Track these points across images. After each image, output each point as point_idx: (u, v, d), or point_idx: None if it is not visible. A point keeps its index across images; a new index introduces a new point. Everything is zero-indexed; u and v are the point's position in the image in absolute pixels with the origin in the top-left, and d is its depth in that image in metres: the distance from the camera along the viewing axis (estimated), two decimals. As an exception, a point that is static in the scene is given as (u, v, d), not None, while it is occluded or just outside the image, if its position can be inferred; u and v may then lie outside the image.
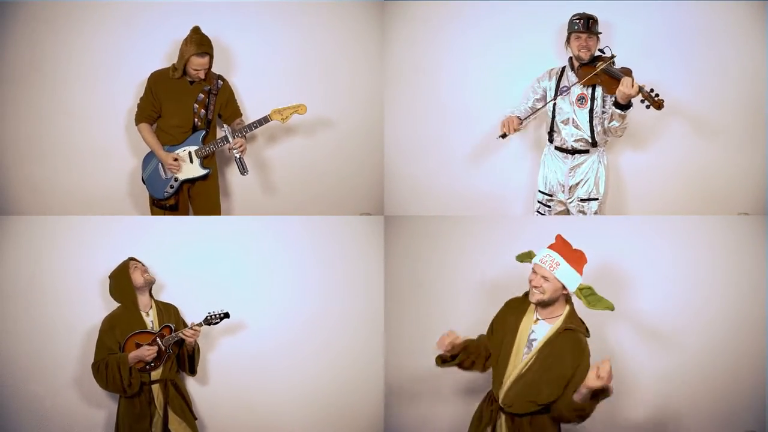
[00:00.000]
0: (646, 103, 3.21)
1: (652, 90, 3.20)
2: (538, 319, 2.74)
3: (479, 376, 3.45)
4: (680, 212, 3.67)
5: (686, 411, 3.36)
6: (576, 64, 3.42)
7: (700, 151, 3.70)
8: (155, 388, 3.17)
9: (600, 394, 2.47)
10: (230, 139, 3.42)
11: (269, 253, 3.59)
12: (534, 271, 2.71)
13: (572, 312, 2.74)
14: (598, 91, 3.38)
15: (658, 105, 3.20)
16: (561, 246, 2.72)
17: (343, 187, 3.90)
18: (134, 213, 3.80)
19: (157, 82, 3.49)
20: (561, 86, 3.46)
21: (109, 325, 3.17)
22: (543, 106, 3.48)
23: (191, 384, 3.49)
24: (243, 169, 3.42)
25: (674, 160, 3.72)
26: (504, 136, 3.43)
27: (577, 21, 3.36)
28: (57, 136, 3.76)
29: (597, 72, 3.29)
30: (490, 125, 3.80)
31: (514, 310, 2.83)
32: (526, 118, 3.48)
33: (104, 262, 3.45)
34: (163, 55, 3.65)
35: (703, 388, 3.34)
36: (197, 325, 3.14)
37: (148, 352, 3.09)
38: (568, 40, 3.42)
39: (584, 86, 3.39)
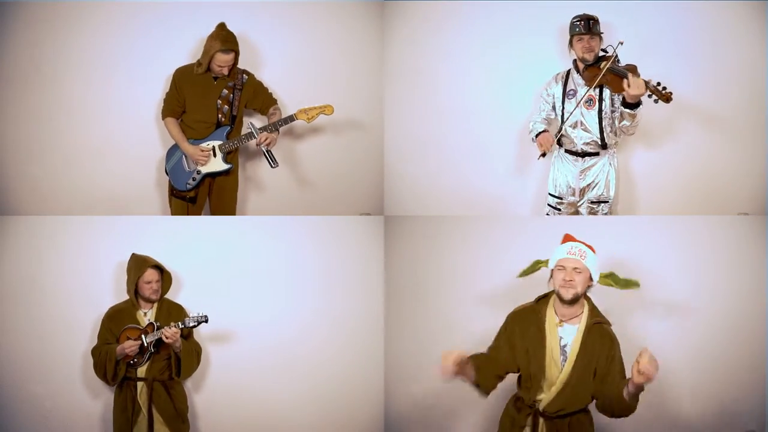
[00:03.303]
0: (654, 97, 3.18)
1: (659, 83, 3.17)
2: (561, 322, 2.68)
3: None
4: (680, 212, 3.67)
5: (686, 411, 3.36)
6: (581, 66, 3.41)
7: (700, 151, 3.70)
8: (140, 385, 3.17)
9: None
10: (255, 135, 3.43)
11: (269, 253, 3.59)
12: (561, 267, 2.65)
13: (594, 307, 2.71)
14: (606, 91, 3.37)
15: (666, 98, 3.17)
16: (575, 239, 2.71)
17: (343, 187, 3.90)
18: (135, 213, 3.80)
19: (182, 77, 3.50)
20: (567, 89, 3.45)
21: (108, 315, 3.24)
22: (570, 115, 3.41)
23: (187, 383, 3.48)
24: (272, 162, 3.44)
25: (674, 160, 3.72)
26: (544, 154, 3.39)
27: (578, 23, 3.35)
28: (57, 136, 3.76)
29: (603, 73, 3.27)
30: (491, 125, 3.81)
31: (528, 320, 2.73)
32: (558, 134, 3.44)
33: (105, 262, 3.46)
34: (162, 55, 3.65)
35: (703, 387, 3.34)
36: (174, 326, 3.08)
37: (128, 346, 3.11)
38: (570, 43, 3.42)
39: (592, 88, 3.38)
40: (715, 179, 3.71)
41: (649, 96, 3.18)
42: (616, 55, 3.28)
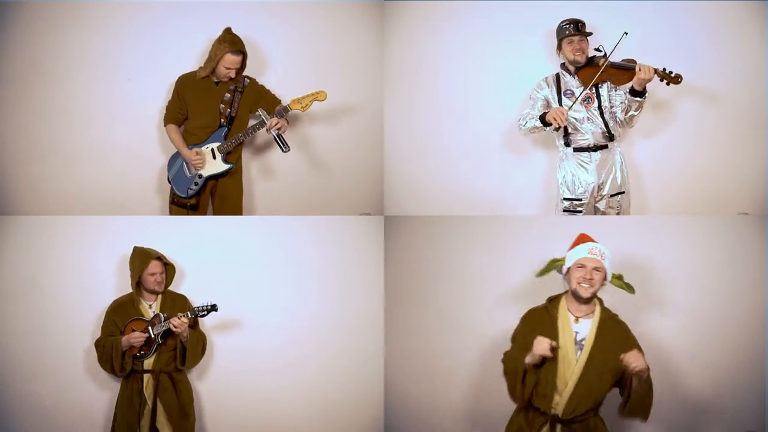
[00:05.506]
0: (665, 81, 3.28)
1: (665, 68, 3.27)
2: (578, 318, 2.72)
3: (480, 378, 3.46)
4: (680, 212, 3.67)
5: (686, 411, 3.36)
6: (572, 68, 3.43)
7: (700, 151, 3.70)
8: (146, 377, 3.18)
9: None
10: (266, 120, 3.41)
11: (269, 253, 3.59)
12: (581, 266, 2.71)
13: (604, 306, 2.78)
14: (603, 89, 3.40)
15: (676, 80, 3.28)
16: (592, 239, 2.78)
17: (343, 187, 3.90)
18: (134, 213, 3.80)
19: (184, 85, 3.52)
20: (564, 90, 3.45)
21: (112, 308, 3.27)
22: (576, 100, 3.40)
23: (193, 380, 3.46)
24: (284, 147, 3.40)
25: (674, 160, 3.72)
26: (558, 128, 3.39)
27: (567, 26, 3.39)
28: (57, 136, 3.76)
29: (604, 69, 3.32)
30: (490, 125, 3.81)
31: (540, 321, 2.76)
32: (569, 108, 3.41)
33: (104, 262, 3.46)
34: (163, 54, 3.66)
35: (702, 387, 3.34)
36: (183, 316, 3.11)
37: (135, 338, 3.14)
38: (559, 47, 3.44)
39: (589, 87, 3.39)
40: (715, 179, 3.71)
41: (661, 80, 3.28)
42: (606, 56, 3.31)
